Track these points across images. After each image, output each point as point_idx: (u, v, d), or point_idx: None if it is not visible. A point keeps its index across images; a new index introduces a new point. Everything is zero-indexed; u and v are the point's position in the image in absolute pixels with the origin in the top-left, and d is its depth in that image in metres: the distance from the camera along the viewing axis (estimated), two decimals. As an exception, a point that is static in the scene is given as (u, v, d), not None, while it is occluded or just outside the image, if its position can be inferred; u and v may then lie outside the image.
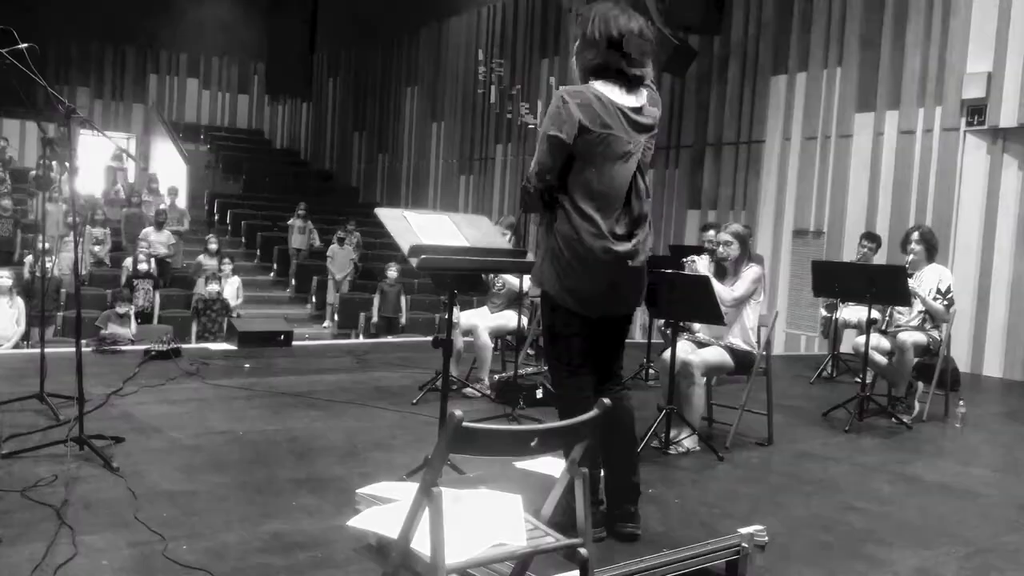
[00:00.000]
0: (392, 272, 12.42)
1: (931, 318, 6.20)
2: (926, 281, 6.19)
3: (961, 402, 6.27)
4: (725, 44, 11.89)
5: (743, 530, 3.16)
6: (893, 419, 5.95)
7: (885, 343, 6.19)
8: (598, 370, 3.31)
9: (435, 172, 17.77)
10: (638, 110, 3.14)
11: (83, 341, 4.35)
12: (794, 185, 11.05)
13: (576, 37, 3.17)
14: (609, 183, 3.09)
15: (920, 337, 6.10)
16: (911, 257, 6.32)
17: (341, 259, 13.87)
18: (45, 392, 4.97)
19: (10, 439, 4.21)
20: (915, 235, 6.40)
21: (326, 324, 13.56)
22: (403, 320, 12.35)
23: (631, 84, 3.12)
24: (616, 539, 3.14)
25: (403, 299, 12.47)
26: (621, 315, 3.36)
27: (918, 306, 6.20)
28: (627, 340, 3.46)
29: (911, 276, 6.15)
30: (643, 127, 3.16)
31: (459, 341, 6.32)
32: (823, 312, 8.68)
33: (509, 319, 6.41)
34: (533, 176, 3.14)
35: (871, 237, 8.11)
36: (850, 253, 9.69)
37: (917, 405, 6.22)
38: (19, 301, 8.89)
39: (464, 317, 6.47)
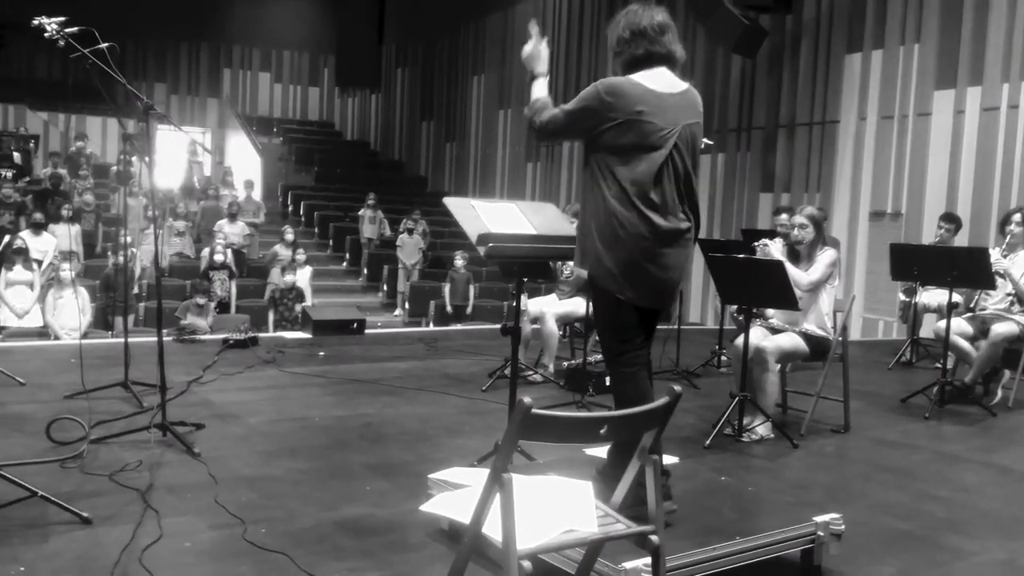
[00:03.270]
0: (459, 261, 12.51)
1: (1019, 301, 5.98)
2: (1019, 263, 5.96)
3: (1050, 389, 6.04)
4: (797, 23, 11.61)
5: (818, 518, 3.11)
6: (974, 403, 5.74)
7: (968, 327, 5.99)
8: None
9: (502, 160, 17.80)
10: (676, 95, 3.20)
11: (164, 331, 4.48)
12: (870, 166, 10.76)
13: (611, 44, 3.32)
14: (647, 170, 3.13)
15: (1013, 328, 5.87)
16: (1009, 239, 6.09)
17: (410, 248, 14.03)
18: (129, 380, 5.16)
19: (97, 425, 4.37)
20: (1017, 216, 6.14)
21: (397, 312, 13.73)
22: (470, 308, 12.43)
23: (664, 62, 3.22)
24: None
25: (471, 287, 12.56)
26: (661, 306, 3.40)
27: (1006, 288, 5.98)
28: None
29: (1006, 257, 5.94)
30: (681, 112, 3.20)
31: (527, 328, 6.33)
32: (901, 296, 8.44)
33: (577, 306, 6.39)
34: (540, 121, 3.26)
35: (950, 218, 7.84)
36: (929, 235, 9.40)
37: (1000, 392, 6.01)
38: (83, 292, 9.18)
39: (532, 304, 6.48)
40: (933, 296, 7.49)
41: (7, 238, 4.14)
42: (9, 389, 5.28)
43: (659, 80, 3.19)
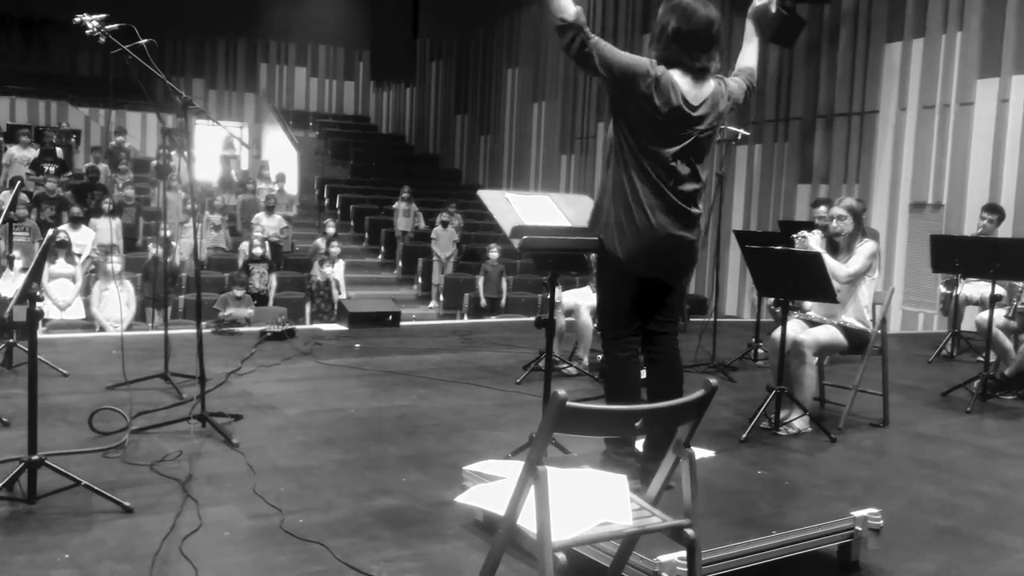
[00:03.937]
0: (494, 253, 12.52)
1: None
2: None
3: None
4: (835, 12, 11.44)
5: (856, 513, 3.07)
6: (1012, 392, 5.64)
7: (1012, 321, 5.88)
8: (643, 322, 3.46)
9: (536, 152, 17.77)
10: (695, 105, 3.29)
11: (203, 323, 4.54)
12: (911, 156, 10.58)
13: (657, 26, 3.37)
14: (664, 164, 3.25)
15: None
16: None
17: (444, 241, 14.07)
18: (169, 372, 5.24)
19: (139, 416, 4.45)
20: None
21: (432, 304, 13.79)
22: (504, 301, 12.44)
23: (696, 75, 3.30)
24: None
25: (505, 280, 12.57)
26: (665, 284, 3.46)
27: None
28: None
29: None
30: (704, 117, 3.31)
31: (561, 321, 6.32)
32: (942, 289, 8.31)
33: (612, 298, 6.36)
34: (577, 43, 3.29)
35: (993, 209, 7.69)
36: (971, 227, 9.24)
37: None
38: (128, 285, 9.32)
39: (566, 297, 6.47)
40: (975, 288, 7.36)
41: (50, 232, 4.22)
42: (52, 380, 5.38)
43: (692, 83, 3.29)
